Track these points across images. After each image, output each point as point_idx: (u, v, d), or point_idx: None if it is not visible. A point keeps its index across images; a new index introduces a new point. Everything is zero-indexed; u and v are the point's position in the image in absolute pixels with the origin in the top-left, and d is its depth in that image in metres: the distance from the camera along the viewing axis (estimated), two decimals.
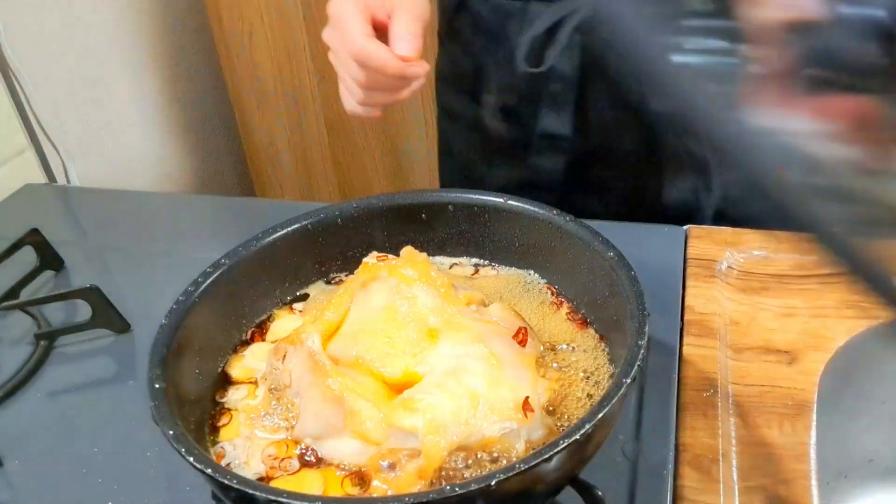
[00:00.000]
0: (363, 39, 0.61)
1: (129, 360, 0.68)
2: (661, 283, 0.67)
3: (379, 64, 0.61)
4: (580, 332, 0.55)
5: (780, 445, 0.53)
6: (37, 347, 0.68)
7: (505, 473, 0.38)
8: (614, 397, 0.42)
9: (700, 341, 0.61)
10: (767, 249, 0.70)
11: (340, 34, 0.63)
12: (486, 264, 0.62)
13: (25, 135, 1.02)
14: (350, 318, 0.52)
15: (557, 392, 0.51)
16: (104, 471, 0.56)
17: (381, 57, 0.61)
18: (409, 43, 0.61)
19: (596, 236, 0.54)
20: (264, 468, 0.47)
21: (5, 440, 0.60)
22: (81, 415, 0.62)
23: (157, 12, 1.35)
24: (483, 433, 0.45)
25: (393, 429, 0.45)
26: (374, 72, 0.62)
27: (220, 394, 0.53)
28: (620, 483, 0.51)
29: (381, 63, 0.61)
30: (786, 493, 0.50)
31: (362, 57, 0.61)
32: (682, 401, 0.56)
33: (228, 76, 1.45)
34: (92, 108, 1.20)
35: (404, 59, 0.61)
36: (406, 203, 0.61)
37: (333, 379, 0.47)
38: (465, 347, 0.49)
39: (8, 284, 0.75)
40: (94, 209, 0.95)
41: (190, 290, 0.52)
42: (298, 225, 0.59)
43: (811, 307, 0.64)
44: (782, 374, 0.59)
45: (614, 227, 0.58)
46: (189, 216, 0.91)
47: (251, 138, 1.53)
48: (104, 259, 0.84)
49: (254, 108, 1.49)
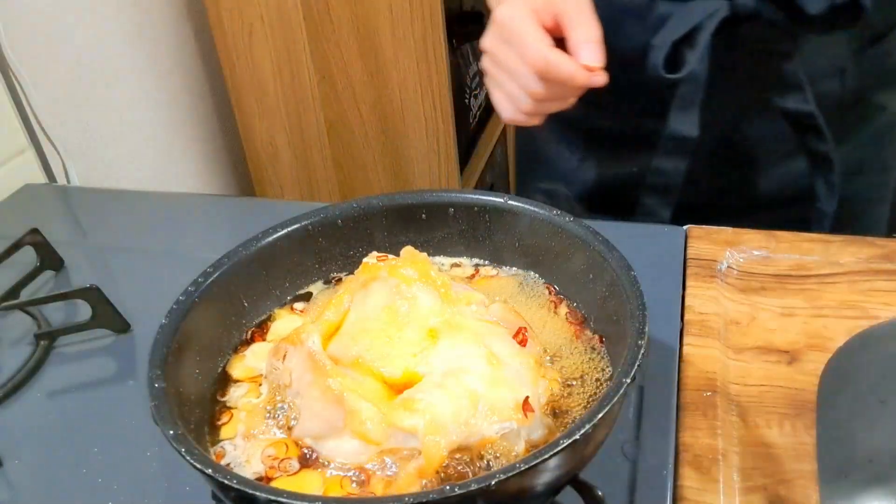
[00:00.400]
0: (547, 51, 0.58)
1: (129, 360, 0.68)
2: (661, 283, 0.67)
3: (565, 76, 0.58)
4: (580, 332, 0.55)
5: (780, 445, 0.53)
6: (37, 347, 0.68)
7: (505, 473, 0.38)
8: (614, 397, 0.42)
9: (700, 341, 0.61)
10: (767, 249, 0.70)
11: (517, 45, 0.60)
12: (487, 264, 0.62)
13: (25, 135, 1.02)
14: (350, 318, 0.52)
15: (557, 392, 0.51)
16: (104, 471, 0.56)
17: (568, 69, 0.58)
18: (594, 52, 0.58)
19: (596, 236, 0.54)
20: (264, 468, 0.47)
21: (5, 440, 0.60)
22: (81, 415, 0.62)
23: (158, 12, 1.35)
24: (483, 433, 0.45)
25: (393, 429, 0.45)
26: (557, 84, 0.59)
27: (221, 394, 0.53)
28: (620, 483, 0.51)
29: (568, 75, 0.58)
30: (786, 493, 0.50)
31: (546, 69, 0.58)
32: (682, 401, 0.56)
33: (228, 76, 1.45)
34: (92, 107, 1.20)
35: (589, 68, 0.58)
36: (406, 203, 0.61)
37: (333, 379, 0.47)
38: (465, 347, 0.49)
39: (8, 284, 0.75)
40: (94, 209, 0.95)
41: (190, 290, 0.52)
42: (298, 225, 0.59)
43: (811, 307, 0.64)
44: (782, 374, 0.59)
45: (614, 227, 0.59)
46: (189, 216, 0.91)
47: (251, 138, 1.53)
48: (104, 259, 0.84)
49: (254, 108, 1.49)
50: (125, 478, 0.56)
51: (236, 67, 1.44)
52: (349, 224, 0.61)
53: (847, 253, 0.69)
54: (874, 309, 0.63)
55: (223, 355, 0.55)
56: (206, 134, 1.52)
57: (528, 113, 0.64)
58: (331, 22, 1.36)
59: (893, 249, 0.69)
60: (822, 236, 0.71)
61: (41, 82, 1.05)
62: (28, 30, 1.05)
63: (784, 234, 0.72)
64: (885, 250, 0.69)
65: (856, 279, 0.66)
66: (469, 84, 1.61)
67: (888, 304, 0.64)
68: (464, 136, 1.57)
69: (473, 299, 0.54)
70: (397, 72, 1.39)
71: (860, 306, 0.64)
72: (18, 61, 1.00)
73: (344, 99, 1.43)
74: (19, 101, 1.02)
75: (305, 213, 0.60)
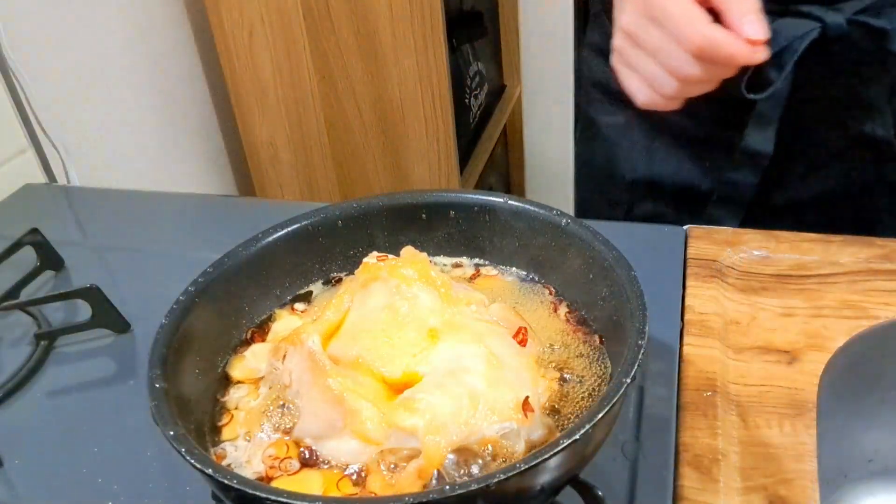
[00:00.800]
0: (707, 27, 0.53)
1: (129, 360, 0.68)
2: (661, 283, 0.67)
3: (729, 53, 0.53)
4: (580, 332, 0.55)
5: (780, 445, 0.53)
6: (37, 347, 0.68)
7: (505, 473, 0.38)
8: (614, 397, 0.42)
9: (700, 341, 0.61)
10: (767, 249, 0.70)
11: (670, 22, 0.54)
12: (487, 264, 0.62)
13: (25, 135, 1.02)
14: (350, 318, 0.52)
15: (557, 392, 0.51)
16: (104, 471, 0.56)
17: (733, 46, 0.52)
18: (758, 24, 0.52)
19: (596, 236, 0.54)
20: (264, 468, 0.47)
21: (5, 440, 0.60)
22: (81, 415, 0.62)
23: (158, 12, 1.35)
24: (483, 433, 0.45)
25: (393, 429, 0.45)
26: (717, 62, 0.54)
27: (221, 394, 0.53)
28: (620, 483, 0.51)
29: (732, 52, 0.53)
30: (786, 493, 0.50)
31: (708, 47, 0.53)
32: (682, 401, 0.56)
33: (228, 76, 1.45)
34: (92, 108, 1.20)
35: (753, 42, 0.52)
36: (406, 203, 0.61)
37: (333, 379, 0.47)
38: (465, 347, 0.49)
39: (8, 284, 0.75)
40: (94, 209, 0.95)
41: (190, 290, 0.52)
42: (298, 225, 0.59)
43: (811, 307, 0.64)
44: (782, 374, 0.59)
45: (614, 227, 0.58)
46: (189, 216, 0.91)
47: (251, 138, 1.53)
48: (104, 259, 0.84)
49: (254, 108, 1.49)
50: (125, 478, 0.56)
51: (236, 67, 1.44)
52: (349, 224, 0.61)
53: (847, 253, 0.69)
54: (874, 309, 0.63)
55: (223, 355, 0.55)
56: (206, 134, 1.52)
57: (670, 97, 0.58)
58: (331, 22, 1.36)
59: (893, 249, 0.69)
60: (822, 236, 0.71)
61: (41, 82, 1.05)
62: (28, 30, 1.05)
63: (784, 233, 0.72)
64: (885, 250, 0.69)
65: (856, 279, 0.66)
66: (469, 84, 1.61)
67: (888, 304, 0.64)
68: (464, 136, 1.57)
69: (473, 299, 0.54)
70: (397, 72, 1.39)
71: (860, 306, 0.64)
72: (18, 61, 1.00)
73: (344, 99, 1.43)
74: (19, 101, 1.02)
75: (305, 213, 0.60)
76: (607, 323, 0.53)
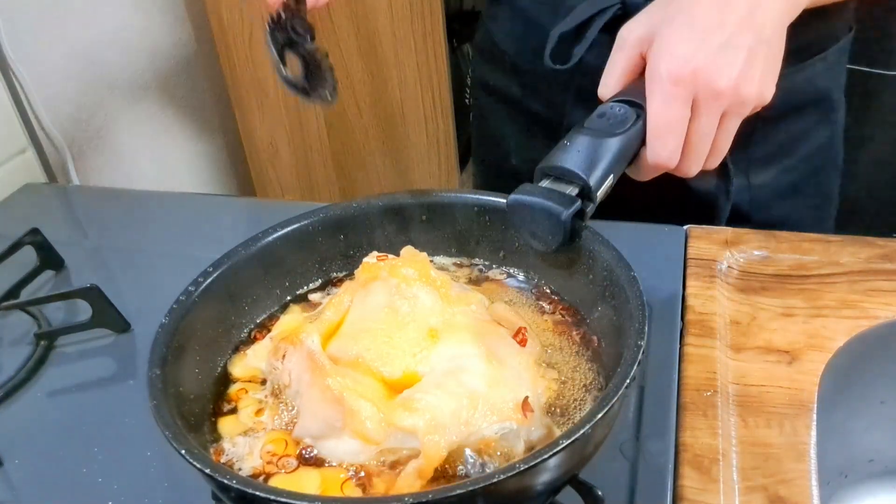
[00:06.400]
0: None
1: (129, 360, 0.68)
2: (661, 283, 0.67)
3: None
4: (579, 332, 0.55)
5: (780, 445, 0.53)
6: (37, 347, 0.68)
7: (505, 473, 0.38)
8: (614, 397, 0.42)
9: (700, 341, 0.61)
10: (767, 249, 0.70)
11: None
12: (487, 264, 0.62)
13: (25, 135, 1.02)
14: (350, 318, 0.52)
15: (557, 392, 0.51)
16: (104, 471, 0.56)
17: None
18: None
19: (595, 236, 0.54)
20: (262, 463, 0.47)
21: (5, 440, 0.60)
22: (81, 415, 0.62)
23: (158, 12, 1.35)
24: (483, 433, 0.45)
25: (393, 429, 0.45)
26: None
27: (221, 393, 0.53)
28: (620, 483, 0.51)
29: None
30: (786, 493, 0.50)
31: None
32: (682, 401, 0.56)
33: (228, 76, 1.46)
34: (92, 107, 1.20)
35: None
36: (406, 203, 0.61)
37: (333, 379, 0.47)
38: (465, 347, 0.49)
39: (8, 284, 0.75)
40: (94, 209, 0.95)
41: (190, 289, 0.52)
42: (298, 225, 0.59)
43: (811, 307, 0.64)
44: (782, 374, 0.59)
45: (614, 227, 0.58)
46: (189, 216, 0.91)
47: (251, 138, 1.53)
48: (104, 259, 0.84)
49: (254, 108, 1.49)
50: (125, 478, 0.56)
51: (236, 67, 1.44)
52: (349, 224, 0.61)
53: (847, 253, 0.69)
54: (874, 309, 0.63)
55: (223, 355, 0.55)
56: (206, 134, 1.52)
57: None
58: (331, 22, 1.36)
59: (893, 249, 0.69)
60: (822, 236, 0.71)
61: (41, 82, 1.06)
62: (28, 29, 1.05)
63: (784, 234, 0.72)
64: (885, 250, 0.69)
65: (856, 279, 0.66)
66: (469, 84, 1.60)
67: (888, 304, 0.63)
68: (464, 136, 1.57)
69: (473, 299, 0.54)
70: (397, 71, 1.39)
71: (860, 306, 0.64)
72: (18, 61, 1.00)
73: (344, 99, 1.43)
74: (19, 100, 1.02)
75: (305, 213, 0.60)
76: (607, 323, 0.53)
